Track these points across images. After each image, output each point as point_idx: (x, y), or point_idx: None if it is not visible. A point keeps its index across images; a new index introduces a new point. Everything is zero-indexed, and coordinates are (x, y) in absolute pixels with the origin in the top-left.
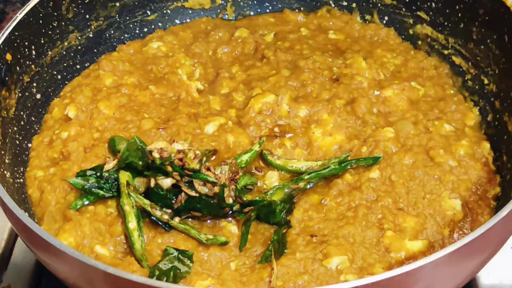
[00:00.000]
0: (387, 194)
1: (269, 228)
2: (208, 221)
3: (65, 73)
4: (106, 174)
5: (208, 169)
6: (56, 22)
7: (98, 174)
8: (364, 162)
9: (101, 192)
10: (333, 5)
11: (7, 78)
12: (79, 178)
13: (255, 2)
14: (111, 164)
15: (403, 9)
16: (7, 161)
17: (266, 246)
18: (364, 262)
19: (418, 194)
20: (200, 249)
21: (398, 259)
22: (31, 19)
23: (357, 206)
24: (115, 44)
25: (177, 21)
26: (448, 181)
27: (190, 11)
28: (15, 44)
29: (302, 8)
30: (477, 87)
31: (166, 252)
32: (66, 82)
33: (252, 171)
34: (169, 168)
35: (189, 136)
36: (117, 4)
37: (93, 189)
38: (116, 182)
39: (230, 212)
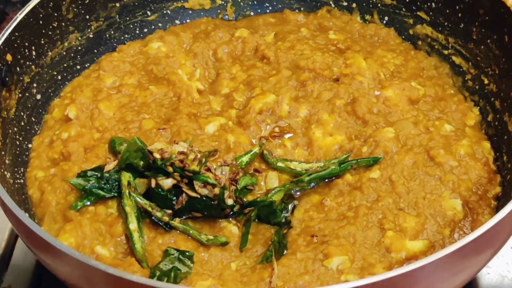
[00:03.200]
0: (387, 194)
1: (270, 229)
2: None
3: (65, 74)
4: (107, 175)
5: (209, 170)
6: (56, 23)
7: (98, 174)
8: (364, 163)
9: (102, 193)
10: (333, 5)
11: (7, 79)
12: (80, 178)
13: (255, 2)
14: (111, 165)
15: (403, 9)
16: (7, 161)
17: (266, 246)
18: (365, 262)
19: (419, 194)
20: (200, 249)
21: (398, 259)
22: (31, 19)
23: (357, 206)
24: (115, 44)
25: (177, 22)
26: (449, 181)
27: (190, 12)
28: (15, 45)
29: (302, 9)
30: (477, 87)
31: (166, 252)
32: (66, 82)
33: (251, 172)
34: (170, 169)
35: (190, 136)
36: (117, 4)
37: (93, 190)
38: (116, 183)
39: (231, 213)
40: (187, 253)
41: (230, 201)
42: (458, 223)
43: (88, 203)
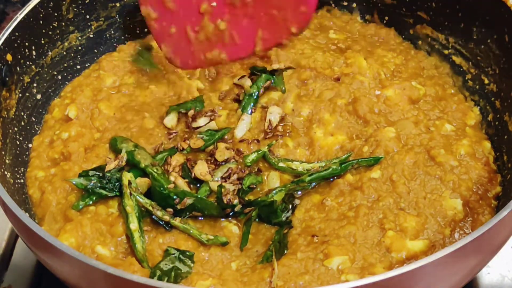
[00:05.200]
0: (388, 194)
1: (270, 228)
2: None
3: (65, 74)
4: (108, 174)
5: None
6: (56, 23)
7: (100, 174)
8: (365, 163)
9: (104, 192)
10: (333, 5)
11: (7, 79)
12: (82, 178)
13: None
14: (112, 164)
15: (403, 9)
16: (7, 161)
17: (267, 246)
18: (365, 262)
19: (419, 194)
20: (201, 249)
21: (399, 259)
22: (31, 19)
23: (358, 206)
24: (115, 44)
25: None
26: (449, 180)
27: None
28: (16, 45)
29: None
30: (477, 86)
31: (167, 252)
32: (67, 82)
33: (255, 171)
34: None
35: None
36: (118, 4)
37: (95, 189)
38: (118, 182)
39: (231, 213)
40: (188, 253)
41: (235, 201)
42: (459, 223)
43: (90, 202)
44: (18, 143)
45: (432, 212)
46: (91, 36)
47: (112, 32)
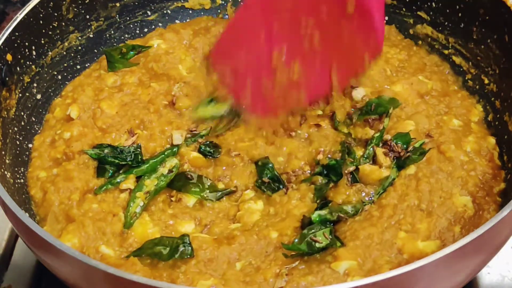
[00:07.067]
0: (413, 193)
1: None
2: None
3: (65, 74)
4: (121, 147)
5: None
6: (56, 23)
7: (113, 146)
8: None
9: (116, 161)
10: None
11: (7, 79)
12: (96, 149)
13: None
14: (129, 141)
15: (403, 9)
16: (7, 161)
17: (277, 248)
18: (375, 264)
19: (436, 193)
20: (204, 246)
21: (410, 261)
22: (31, 19)
23: (384, 206)
24: (115, 44)
25: (177, 21)
26: (458, 177)
27: (191, 11)
28: (16, 45)
29: None
30: (477, 86)
31: (183, 237)
32: (67, 82)
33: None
34: None
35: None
36: (117, 4)
37: (109, 159)
38: (130, 153)
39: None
40: (190, 253)
41: None
42: (468, 220)
43: (109, 186)
44: (18, 143)
45: (444, 211)
46: (91, 36)
47: (112, 32)
